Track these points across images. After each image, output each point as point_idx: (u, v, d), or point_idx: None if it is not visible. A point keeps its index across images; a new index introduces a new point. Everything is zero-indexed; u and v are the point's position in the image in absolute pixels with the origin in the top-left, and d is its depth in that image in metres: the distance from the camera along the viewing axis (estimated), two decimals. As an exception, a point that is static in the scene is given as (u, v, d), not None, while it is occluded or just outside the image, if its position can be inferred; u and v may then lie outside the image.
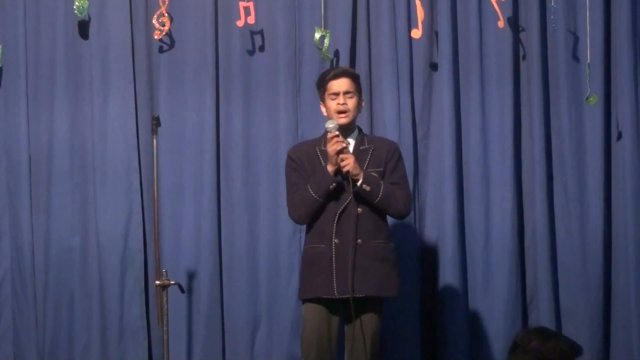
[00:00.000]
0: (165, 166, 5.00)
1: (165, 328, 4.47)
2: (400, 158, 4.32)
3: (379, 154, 4.25)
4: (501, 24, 5.17)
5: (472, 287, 5.16)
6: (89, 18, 5.00)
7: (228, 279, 5.05)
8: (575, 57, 5.27)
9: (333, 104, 4.21)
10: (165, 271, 4.46)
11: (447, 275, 5.10)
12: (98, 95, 5.01)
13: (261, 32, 5.09)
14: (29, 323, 4.99)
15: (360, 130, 4.36)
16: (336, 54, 5.09)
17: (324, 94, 4.26)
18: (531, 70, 5.21)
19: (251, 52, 5.10)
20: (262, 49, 5.11)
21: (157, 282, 4.43)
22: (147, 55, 5.07)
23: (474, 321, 5.15)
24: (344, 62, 5.09)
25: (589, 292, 5.21)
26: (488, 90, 5.22)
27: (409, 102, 5.15)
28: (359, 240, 4.13)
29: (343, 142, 4.13)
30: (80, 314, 4.99)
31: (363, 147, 4.26)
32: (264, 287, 5.07)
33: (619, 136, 5.25)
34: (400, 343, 5.04)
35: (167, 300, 4.44)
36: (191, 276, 5.01)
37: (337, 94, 4.21)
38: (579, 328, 5.14)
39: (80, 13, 4.87)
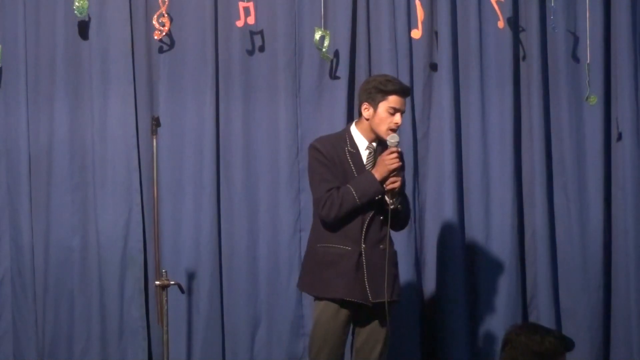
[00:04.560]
0: (165, 166, 4.99)
1: (165, 328, 4.46)
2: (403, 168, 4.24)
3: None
4: (501, 24, 5.18)
5: (472, 287, 5.16)
6: (89, 18, 4.99)
7: (228, 279, 5.05)
8: (575, 57, 5.28)
9: (389, 119, 4.10)
10: (165, 271, 4.46)
11: (447, 275, 5.11)
12: (98, 95, 5.01)
13: (261, 32, 5.09)
14: (28, 323, 4.98)
15: None
16: (336, 54, 5.10)
17: (379, 100, 4.11)
18: (531, 70, 5.22)
19: (251, 52, 5.10)
20: (262, 49, 5.11)
21: (157, 282, 4.42)
22: (147, 56, 5.06)
23: (474, 321, 5.15)
24: (343, 62, 5.09)
25: (589, 293, 5.22)
26: (488, 91, 5.22)
27: (408, 102, 5.14)
28: (381, 246, 4.13)
29: (399, 162, 4.08)
30: (80, 314, 4.98)
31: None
32: (264, 287, 5.07)
33: (619, 136, 5.25)
34: (400, 343, 5.03)
35: (167, 301, 4.43)
36: (191, 276, 5.01)
37: (397, 110, 4.11)
38: (579, 328, 5.15)
39: (80, 13, 4.87)
